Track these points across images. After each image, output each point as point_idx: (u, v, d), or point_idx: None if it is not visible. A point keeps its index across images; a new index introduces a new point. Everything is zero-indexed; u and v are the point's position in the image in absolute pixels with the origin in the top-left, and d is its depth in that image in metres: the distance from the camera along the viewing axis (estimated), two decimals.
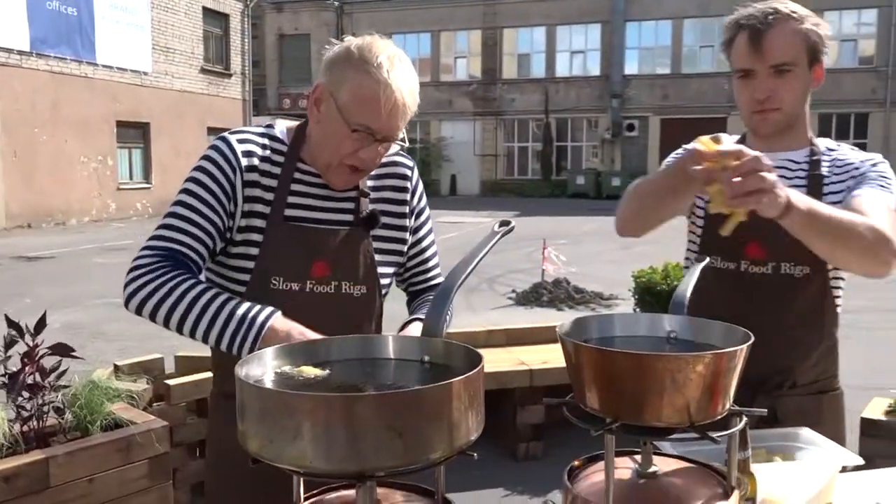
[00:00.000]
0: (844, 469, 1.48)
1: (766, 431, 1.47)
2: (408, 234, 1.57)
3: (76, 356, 2.29)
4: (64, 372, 2.34)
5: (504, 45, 29.63)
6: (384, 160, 1.51)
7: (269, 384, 0.88)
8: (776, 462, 1.38)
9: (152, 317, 1.32)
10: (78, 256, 11.84)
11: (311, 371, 0.95)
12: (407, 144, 1.46)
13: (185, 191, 1.38)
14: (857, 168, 1.58)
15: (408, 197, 1.56)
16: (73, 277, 9.74)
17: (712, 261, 1.57)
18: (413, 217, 1.58)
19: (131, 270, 1.33)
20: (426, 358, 0.98)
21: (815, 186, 1.57)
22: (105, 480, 2.30)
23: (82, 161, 17.64)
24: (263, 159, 1.42)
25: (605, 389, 0.93)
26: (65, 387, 2.35)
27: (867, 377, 5.02)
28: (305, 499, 0.93)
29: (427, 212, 1.62)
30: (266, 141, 1.45)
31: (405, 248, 1.57)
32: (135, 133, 19.08)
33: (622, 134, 27.74)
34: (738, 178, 1.12)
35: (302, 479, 0.91)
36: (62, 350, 2.26)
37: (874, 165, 1.58)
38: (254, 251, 1.40)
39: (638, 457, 1.04)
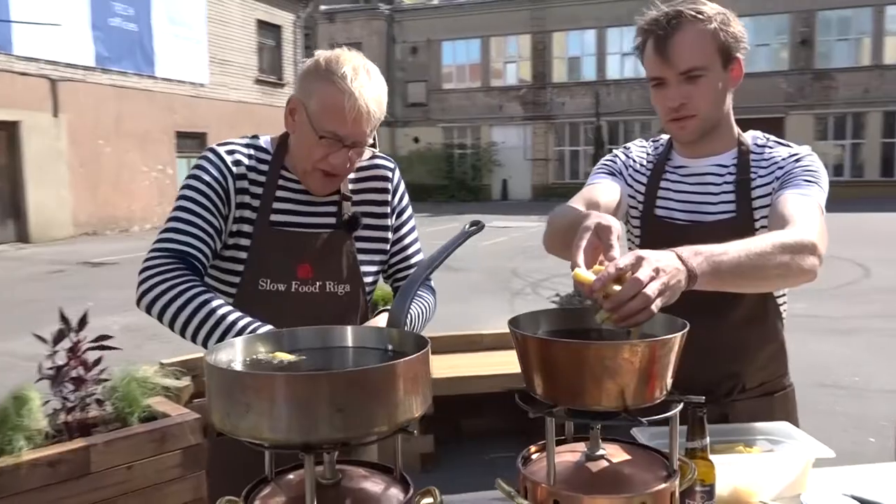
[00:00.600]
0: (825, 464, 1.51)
1: (746, 425, 1.51)
2: (390, 233, 1.65)
3: (115, 347, 2.46)
4: (104, 367, 2.50)
5: (554, 49, 29.52)
6: (365, 164, 1.60)
7: (238, 367, 0.98)
8: (751, 454, 1.43)
9: (159, 318, 1.41)
10: (139, 262, 12.27)
11: (284, 356, 1.05)
12: (378, 149, 1.54)
13: (185, 197, 1.49)
14: (780, 167, 1.55)
15: (389, 197, 1.64)
16: (135, 283, 10.13)
17: None
18: (395, 216, 1.66)
19: (143, 271, 1.44)
20: (389, 347, 1.08)
21: (743, 194, 1.56)
22: (142, 468, 2.45)
23: (143, 171, 18.33)
24: (250, 168, 1.52)
25: (546, 376, 1.00)
26: (105, 380, 2.51)
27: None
28: (277, 473, 1.03)
29: (409, 210, 1.71)
30: (252, 151, 1.55)
31: (388, 247, 1.65)
32: (192, 143, 19.72)
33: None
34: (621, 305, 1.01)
35: (272, 454, 1.01)
36: (102, 343, 2.42)
37: (798, 160, 1.54)
38: (242, 255, 1.50)
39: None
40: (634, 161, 1.71)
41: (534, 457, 1.11)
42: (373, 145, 1.53)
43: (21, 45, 14.96)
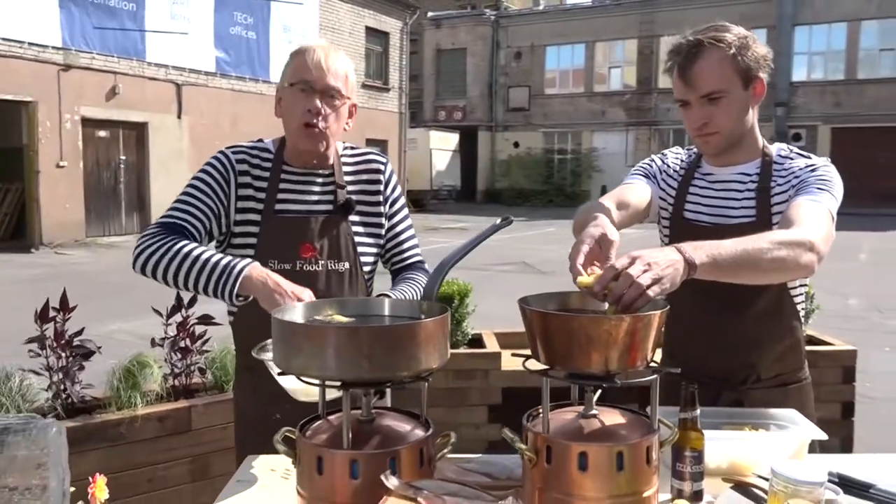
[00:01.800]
0: (825, 450, 1.64)
1: (757, 410, 1.66)
2: (384, 219, 1.87)
3: (217, 323, 2.82)
4: (207, 339, 2.87)
5: (661, 54, 28.94)
6: (360, 157, 1.85)
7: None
8: (755, 433, 1.57)
9: (153, 274, 1.62)
10: None
11: (340, 318, 1.31)
12: (353, 100, 1.77)
13: (188, 185, 1.77)
14: (797, 176, 1.67)
15: (381, 187, 1.88)
16: None
17: None
18: (388, 205, 1.88)
19: (138, 240, 1.67)
20: (422, 316, 1.31)
21: (763, 200, 1.70)
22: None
23: None
24: (254, 165, 1.79)
25: (544, 344, 1.21)
26: (207, 351, 2.88)
27: None
28: (327, 413, 1.29)
29: (402, 201, 1.93)
30: (257, 151, 1.82)
31: (383, 231, 1.87)
32: None
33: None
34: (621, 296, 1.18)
35: (324, 396, 1.27)
36: (206, 320, 2.79)
37: (814, 170, 1.67)
38: (252, 240, 1.76)
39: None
40: (669, 166, 1.88)
41: (538, 416, 1.31)
42: (347, 97, 1.77)
43: (152, 53, 16.25)
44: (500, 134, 31.87)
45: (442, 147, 28.38)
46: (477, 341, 3.85)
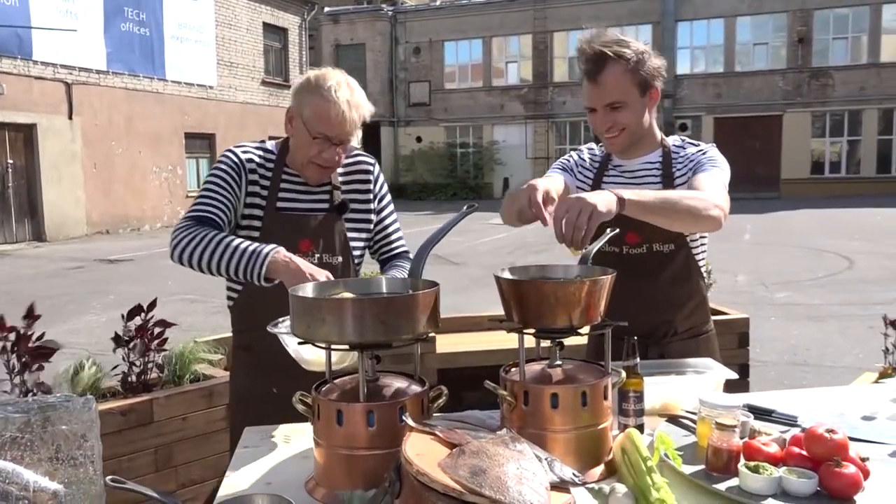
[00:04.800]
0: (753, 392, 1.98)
1: (680, 361, 1.97)
2: (373, 215, 2.09)
3: (173, 323, 2.94)
4: (165, 339, 2.97)
5: (555, 49, 29.96)
6: (352, 160, 2.05)
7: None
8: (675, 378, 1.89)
9: (189, 262, 1.78)
10: (153, 259, 12.80)
11: (346, 294, 1.51)
12: (359, 146, 1.97)
13: (208, 182, 1.92)
14: (692, 160, 2.03)
15: (371, 186, 2.09)
16: (150, 277, 10.61)
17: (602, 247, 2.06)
18: (377, 201, 2.10)
19: (173, 232, 1.82)
20: (410, 291, 1.54)
21: (668, 184, 2.02)
22: (194, 419, 2.92)
23: (154, 171, 18.83)
24: (259, 165, 1.96)
25: (518, 307, 1.47)
26: (164, 350, 2.99)
27: None
28: (333, 377, 1.50)
29: (388, 197, 2.15)
30: (261, 152, 1.98)
31: (372, 226, 2.09)
32: (201, 144, 20.22)
33: (675, 133, 27.76)
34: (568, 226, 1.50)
35: (329, 359, 1.48)
36: (165, 324, 2.90)
37: (704, 153, 2.03)
38: (255, 234, 1.92)
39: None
40: (584, 160, 2.20)
41: (513, 369, 1.57)
42: (357, 143, 1.97)
43: (39, 51, 15.48)
44: (403, 129, 32.11)
45: None
46: None
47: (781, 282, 9.38)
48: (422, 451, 1.17)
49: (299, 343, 1.41)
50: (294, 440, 1.70)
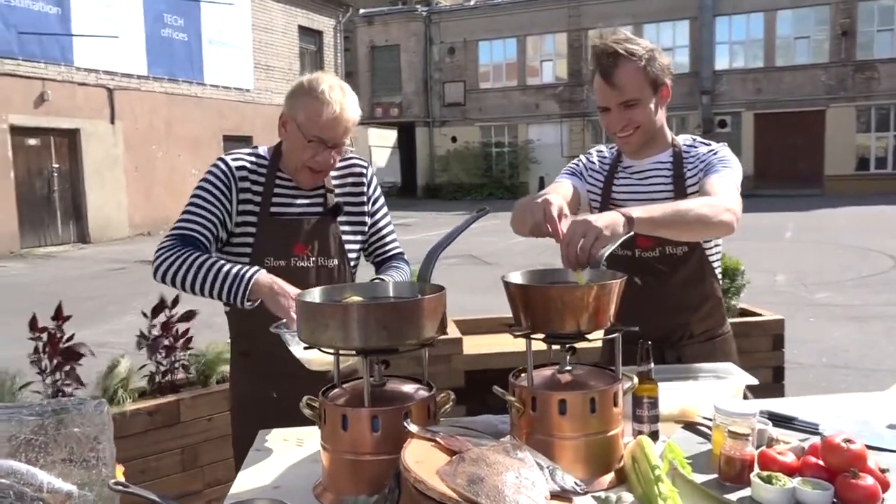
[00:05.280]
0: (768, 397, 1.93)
1: (699, 365, 1.94)
2: (367, 217, 2.08)
3: (194, 311, 2.97)
4: (190, 338, 3.02)
5: (590, 46, 29.63)
6: (345, 163, 2.05)
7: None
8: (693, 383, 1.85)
9: (172, 282, 1.77)
10: None
11: (355, 298, 1.51)
12: (353, 148, 1.96)
13: (194, 195, 1.90)
14: (703, 160, 1.99)
15: (364, 189, 2.08)
16: None
17: (615, 251, 2.01)
18: (370, 203, 2.09)
19: (156, 252, 1.81)
20: (419, 295, 1.53)
21: (679, 185, 1.99)
22: (220, 420, 2.95)
23: (193, 174, 19.12)
24: (252, 171, 1.95)
25: (526, 312, 1.45)
26: (190, 349, 3.03)
27: None
28: (342, 382, 1.50)
29: (382, 199, 2.13)
30: (254, 158, 1.97)
31: (366, 228, 2.08)
32: (239, 146, 19.98)
33: (713, 130, 27.29)
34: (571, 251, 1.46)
35: (338, 365, 1.48)
36: (189, 316, 2.94)
37: (715, 153, 1.98)
38: (250, 239, 1.92)
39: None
40: (594, 163, 2.17)
41: (522, 374, 1.55)
42: (350, 146, 1.96)
43: (81, 57, 15.87)
44: (438, 129, 32.14)
45: (380, 144, 28.50)
46: None
47: (822, 281, 9.15)
48: (421, 459, 1.17)
49: (304, 347, 1.41)
50: (307, 443, 1.71)
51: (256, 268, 1.77)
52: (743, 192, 1.96)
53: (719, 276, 2.11)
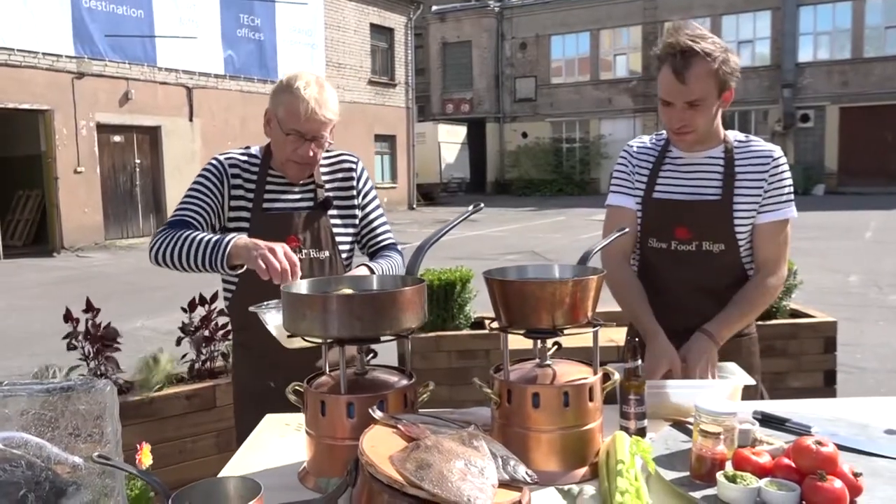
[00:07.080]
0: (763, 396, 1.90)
1: None
2: (358, 210, 2.13)
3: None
4: (229, 331, 3.16)
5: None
6: (334, 158, 2.11)
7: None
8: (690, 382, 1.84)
9: (163, 261, 1.86)
10: None
11: (346, 290, 1.58)
12: (332, 142, 2.00)
13: (189, 189, 2.01)
14: (766, 172, 1.97)
15: (354, 183, 2.13)
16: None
17: (650, 241, 2.03)
18: (360, 197, 2.14)
19: (151, 239, 1.91)
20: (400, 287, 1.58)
21: (728, 184, 1.96)
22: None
23: None
24: (244, 170, 2.04)
25: (504, 306, 1.48)
26: (228, 339, 3.17)
27: None
28: (330, 370, 1.57)
29: (373, 192, 2.18)
30: (246, 157, 2.06)
31: (357, 222, 2.14)
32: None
33: (795, 125, 26.23)
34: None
35: (326, 354, 1.54)
36: (224, 312, 3.08)
37: (777, 168, 1.97)
38: (244, 234, 1.95)
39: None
40: (637, 158, 2.12)
41: (501, 368, 1.58)
42: (329, 140, 2.00)
43: (163, 57, 16.61)
44: (508, 125, 32.06)
45: (450, 140, 28.60)
46: (479, 324, 4.12)
47: (886, 283, 8.70)
48: (377, 444, 1.22)
49: (289, 337, 1.48)
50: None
51: (236, 234, 1.84)
52: (825, 191, 2.03)
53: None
